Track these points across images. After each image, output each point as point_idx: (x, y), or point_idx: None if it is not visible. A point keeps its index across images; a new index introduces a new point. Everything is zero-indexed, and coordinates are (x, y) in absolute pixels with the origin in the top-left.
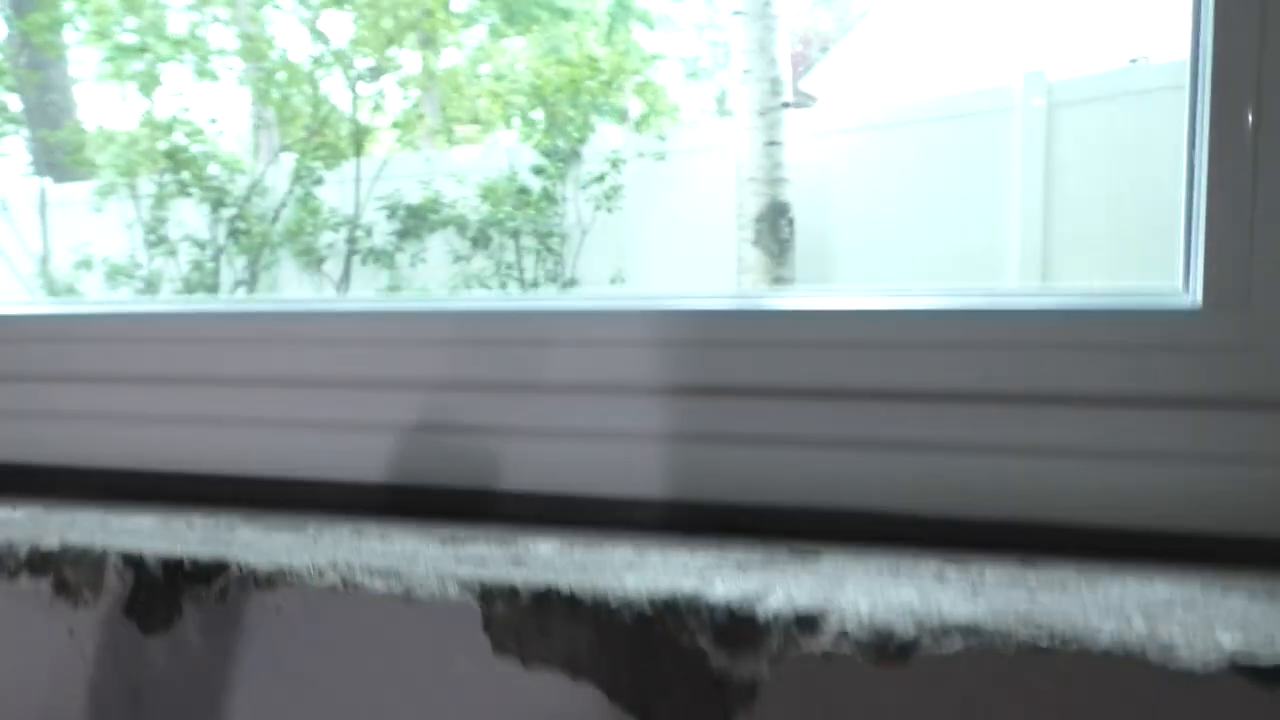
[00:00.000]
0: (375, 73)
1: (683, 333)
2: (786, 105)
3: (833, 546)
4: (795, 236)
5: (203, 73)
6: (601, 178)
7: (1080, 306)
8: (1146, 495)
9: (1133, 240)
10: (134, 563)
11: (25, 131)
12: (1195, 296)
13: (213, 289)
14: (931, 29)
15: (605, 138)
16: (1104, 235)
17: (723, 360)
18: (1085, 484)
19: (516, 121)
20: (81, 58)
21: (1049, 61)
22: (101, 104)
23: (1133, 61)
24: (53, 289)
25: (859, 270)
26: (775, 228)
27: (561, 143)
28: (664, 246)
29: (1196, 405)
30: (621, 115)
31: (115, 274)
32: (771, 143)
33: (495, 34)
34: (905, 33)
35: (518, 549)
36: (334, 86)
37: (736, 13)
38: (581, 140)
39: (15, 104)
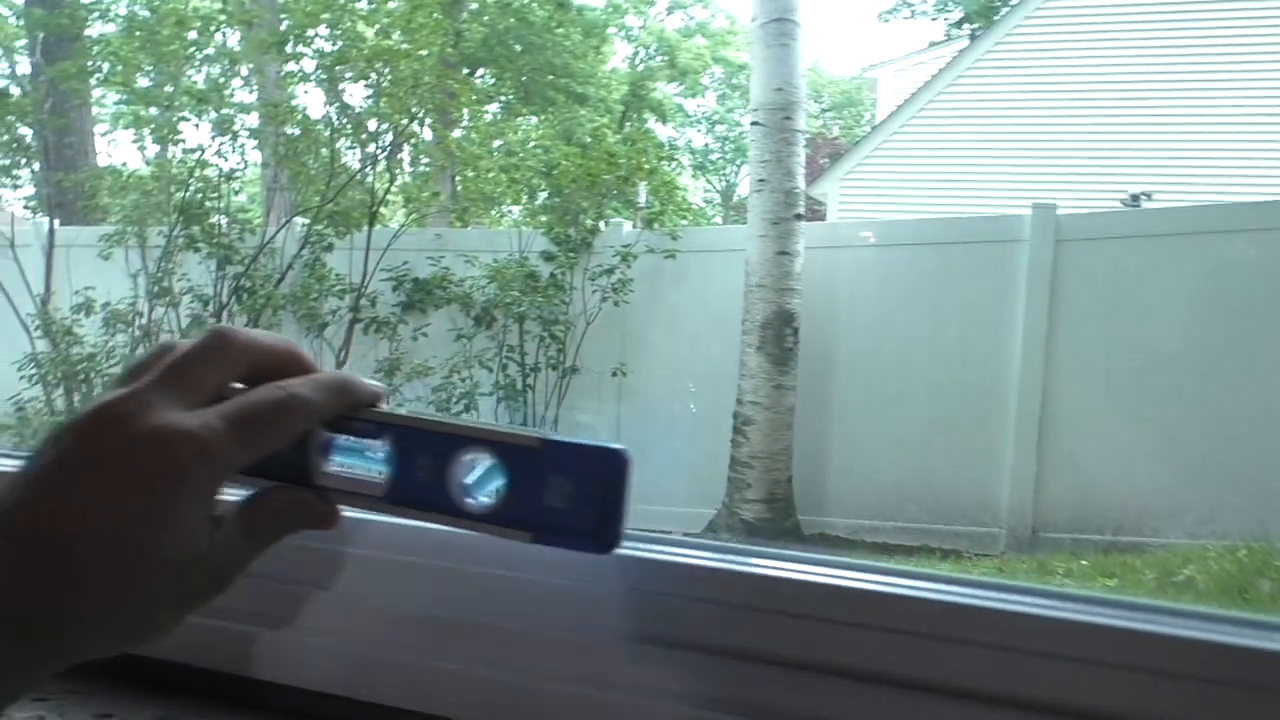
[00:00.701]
0: (394, 147)
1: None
2: (800, 217)
3: None
4: (799, 345)
5: (222, 129)
6: (611, 271)
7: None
8: None
9: (1132, 394)
10: None
11: (34, 169)
12: None
13: None
14: (940, 148)
15: (616, 230)
16: (1104, 378)
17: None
18: None
19: (526, 199)
20: (101, 98)
21: (1057, 193)
22: (118, 148)
23: (1134, 197)
24: (49, 330)
25: (859, 384)
26: (780, 336)
27: (573, 232)
28: (667, 342)
29: None
30: (633, 208)
31: (114, 320)
32: (782, 253)
33: (510, 112)
34: (914, 149)
35: None
36: (351, 157)
37: (755, 124)
38: (593, 232)
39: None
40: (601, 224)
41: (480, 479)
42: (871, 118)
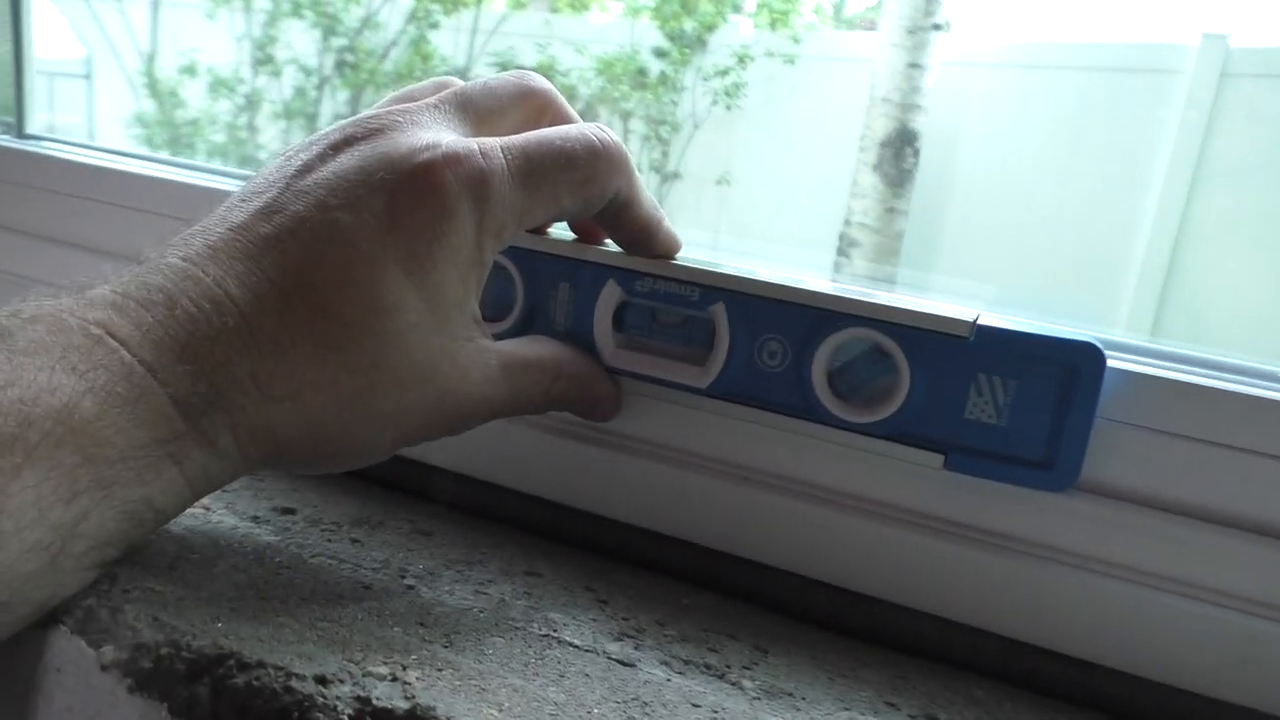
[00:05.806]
0: None
1: None
2: (938, 28)
3: None
4: (919, 168)
5: None
6: (726, 71)
7: None
8: None
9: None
10: None
11: None
12: None
13: (312, 118)
14: None
15: (734, 29)
16: (1250, 228)
17: None
18: None
19: None
20: None
21: (1231, 25)
22: None
23: None
24: (155, 90)
25: (976, 215)
26: (900, 155)
27: (689, 26)
28: (776, 153)
29: None
30: (739, 7)
31: (218, 85)
32: (914, 65)
33: None
34: None
35: None
36: None
37: None
38: (711, 28)
39: None
40: (722, 22)
41: (860, 372)
42: None
